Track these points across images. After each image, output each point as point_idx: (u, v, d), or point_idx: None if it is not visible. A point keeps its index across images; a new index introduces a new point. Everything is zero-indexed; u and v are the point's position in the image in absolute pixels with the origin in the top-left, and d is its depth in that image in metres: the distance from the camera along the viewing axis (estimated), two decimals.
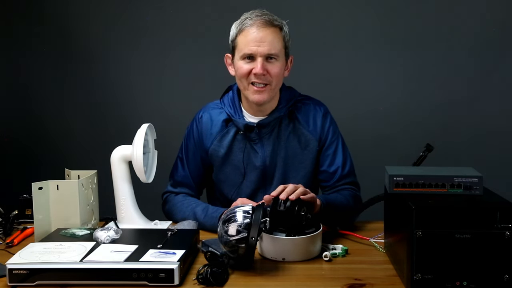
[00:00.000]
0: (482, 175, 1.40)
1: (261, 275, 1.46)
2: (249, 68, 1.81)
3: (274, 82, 1.83)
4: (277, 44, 1.81)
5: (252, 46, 1.79)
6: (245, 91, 1.85)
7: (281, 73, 1.84)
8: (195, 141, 1.97)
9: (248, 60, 1.81)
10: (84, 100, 3.07)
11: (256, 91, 1.82)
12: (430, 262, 1.29)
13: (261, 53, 1.79)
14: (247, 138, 1.90)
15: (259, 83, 1.81)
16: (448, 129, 2.97)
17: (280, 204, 1.57)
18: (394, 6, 2.94)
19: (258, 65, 1.78)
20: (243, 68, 1.82)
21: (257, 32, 1.79)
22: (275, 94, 1.87)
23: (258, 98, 1.83)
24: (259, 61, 1.79)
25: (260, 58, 1.79)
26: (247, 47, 1.79)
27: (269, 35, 1.79)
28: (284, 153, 1.91)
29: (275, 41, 1.80)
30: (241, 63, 1.82)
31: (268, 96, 1.84)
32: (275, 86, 1.84)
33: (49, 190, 1.72)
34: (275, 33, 1.81)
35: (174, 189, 1.99)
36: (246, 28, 1.80)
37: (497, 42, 2.93)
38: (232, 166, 1.93)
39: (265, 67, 1.79)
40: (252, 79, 1.81)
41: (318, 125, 1.93)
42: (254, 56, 1.80)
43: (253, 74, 1.80)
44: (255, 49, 1.78)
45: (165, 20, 3.00)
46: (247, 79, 1.83)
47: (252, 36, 1.79)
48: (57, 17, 3.01)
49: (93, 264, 1.38)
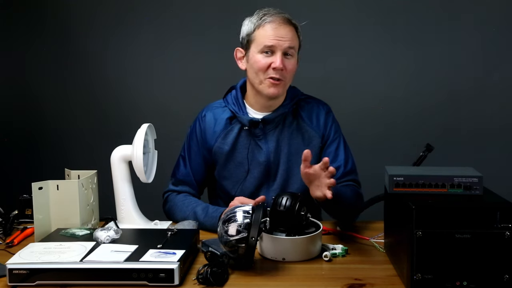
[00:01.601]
0: (482, 175, 1.40)
1: (261, 275, 1.46)
2: (268, 62, 1.82)
3: (288, 78, 1.86)
4: (295, 41, 1.85)
5: (273, 39, 1.81)
6: (260, 84, 1.86)
7: (294, 70, 1.88)
8: (198, 140, 1.98)
9: (267, 54, 1.83)
10: (84, 100, 3.07)
11: (272, 84, 1.84)
12: (430, 262, 1.29)
13: (282, 47, 1.81)
14: (251, 134, 1.91)
15: (277, 77, 1.83)
16: (448, 129, 2.97)
17: (280, 204, 1.57)
18: (394, 5, 2.94)
19: (278, 59, 1.81)
20: (261, 62, 1.83)
21: (278, 28, 1.82)
22: (286, 90, 1.91)
23: (273, 91, 1.84)
24: (279, 55, 1.81)
25: (279, 52, 1.81)
26: (268, 39, 1.81)
27: (289, 32, 1.83)
28: (287, 149, 1.92)
29: (294, 38, 1.84)
30: (260, 56, 1.84)
31: (282, 91, 1.87)
32: (288, 81, 1.88)
33: (49, 190, 1.72)
34: (293, 31, 1.85)
35: (175, 188, 1.99)
36: (267, 23, 1.83)
37: (497, 42, 2.93)
38: (236, 162, 1.93)
39: (283, 62, 1.82)
40: (270, 73, 1.83)
41: (321, 122, 1.95)
42: (274, 49, 1.82)
43: (271, 69, 1.82)
44: (276, 42, 1.81)
45: (165, 20, 3.00)
46: (264, 73, 1.84)
47: (273, 31, 1.82)
48: (57, 17, 3.00)
49: (93, 264, 1.38)
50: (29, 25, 3.00)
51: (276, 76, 1.82)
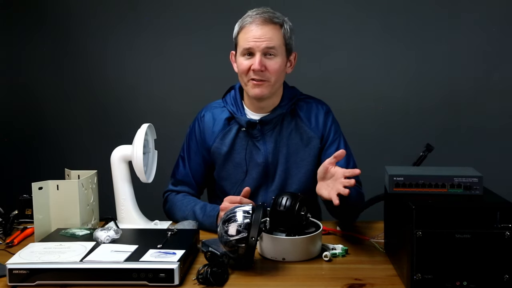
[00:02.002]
0: (482, 175, 1.40)
1: (261, 275, 1.46)
2: (249, 64, 1.82)
3: (273, 78, 1.84)
4: (276, 40, 1.82)
5: (250, 41, 1.81)
6: (245, 86, 1.87)
7: (280, 69, 1.85)
8: (197, 140, 1.98)
9: (248, 57, 1.83)
10: (84, 100, 3.07)
11: (254, 85, 1.83)
12: (430, 262, 1.29)
13: (259, 48, 1.80)
14: (249, 135, 1.91)
15: (258, 79, 1.82)
16: (448, 129, 2.96)
17: (280, 204, 1.57)
18: (394, 5, 2.94)
19: (256, 60, 1.80)
20: (243, 64, 1.84)
21: (256, 29, 1.81)
22: (275, 90, 1.88)
23: (257, 92, 1.84)
24: (257, 56, 1.81)
25: (258, 53, 1.81)
26: (246, 42, 1.82)
27: (268, 32, 1.81)
28: (286, 150, 1.91)
29: (274, 37, 1.82)
30: (241, 59, 1.85)
31: (267, 91, 1.85)
32: (274, 82, 1.85)
33: (49, 190, 1.72)
34: (274, 30, 1.83)
35: (175, 188, 1.99)
36: (246, 25, 1.83)
37: (497, 42, 2.93)
38: (234, 163, 1.93)
39: (263, 63, 1.81)
40: (251, 75, 1.83)
41: (320, 123, 1.94)
42: (253, 51, 1.82)
43: (252, 70, 1.82)
44: (253, 43, 1.81)
45: (165, 20, 3.00)
46: (246, 75, 1.84)
47: (251, 33, 1.81)
48: (57, 17, 3.00)
49: (93, 264, 1.38)
50: (29, 25, 3.00)
51: (257, 77, 1.82)
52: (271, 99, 1.89)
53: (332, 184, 1.58)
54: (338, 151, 1.60)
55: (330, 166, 1.60)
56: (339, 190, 1.51)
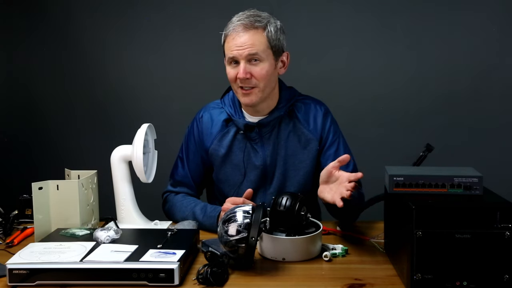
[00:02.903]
0: (482, 175, 1.40)
1: (261, 275, 1.46)
2: (235, 72, 1.81)
3: (261, 84, 1.81)
4: (259, 46, 1.78)
5: (233, 50, 1.79)
6: (236, 94, 1.87)
7: (268, 74, 1.81)
8: (196, 140, 1.97)
9: (234, 65, 1.81)
10: (84, 100, 3.07)
11: (244, 94, 1.82)
12: (430, 262, 1.29)
13: (242, 56, 1.78)
14: (247, 137, 1.90)
15: (245, 86, 1.81)
16: (448, 129, 2.97)
17: (280, 204, 1.57)
18: (394, 5, 2.94)
19: (241, 69, 1.78)
20: (230, 73, 1.83)
21: (237, 37, 1.78)
22: (266, 94, 1.85)
23: (247, 101, 1.83)
24: (242, 64, 1.79)
25: (242, 61, 1.79)
26: (230, 51, 1.80)
27: (250, 38, 1.78)
28: (284, 153, 1.90)
29: (256, 43, 1.78)
30: (228, 68, 1.83)
31: (256, 98, 1.82)
32: (264, 87, 1.82)
33: (49, 190, 1.72)
34: (256, 34, 1.79)
35: (174, 189, 1.99)
36: (229, 34, 1.81)
37: (497, 42, 2.93)
38: (232, 165, 1.93)
39: (247, 70, 1.78)
40: (238, 83, 1.81)
41: (319, 125, 1.92)
42: (237, 59, 1.80)
43: (238, 79, 1.80)
44: (236, 53, 1.78)
45: (165, 20, 3.00)
46: (235, 83, 1.83)
47: (233, 41, 1.79)
48: (57, 17, 3.00)
49: (93, 264, 1.38)
50: (29, 25, 3.00)
51: (243, 85, 1.81)
52: (265, 103, 1.87)
53: (335, 188, 1.58)
54: (343, 156, 1.60)
55: (334, 170, 1.60)
56: (343, 193, 1.51)
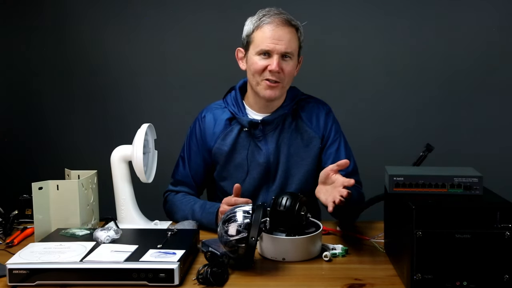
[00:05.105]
0: (482, 175, 1.40)
1: (261, 275, 1.46)
2: (265, 64, 1.82)
3: (286, 80, 1.85)
4: (293, 44, 1.83)
5: (269, 43, 1.80)
6: (257, 86, 1.86)
7: (293, 72, 1.86)
8: (198, 140, 1.98)
9: (264, 56, 1.82)
10: (84, 100, 3.07)
11: (268, 86, 1.83)
12: (430, 262, 1.29)
13: (278, 51, 1.80)
14: (251, 135, 1.91)
15: (273, 80, 1.82)
16: (448, 129, 2.97)
17: (280, 204, 1.57)
18: (395, 4, 2.94)
19: (274, 62, 1.80)
20: (258, 64, 1.83)
21: (275, 30, 1.80)
22: (284, 92, 1.90)
23: (270, 94, 1.84)
24: (275, 58, 1.80)
25: (276, 55, 1.80)
26: (265, 43, 1.81)
27: (287, 34, 1.81)
28: (287, 150, 1.91)
29: (292, 40, 1.82)
30: (257, 58, 1.83)
31: (279, 93, 1.86)
32: (286, 84, 1.87)
33: (49, 190, 1.72)
34: (292, 33, 1.83)
35: (174, 188, 2.00)
36: (265, 25, 1.82)
37: (497, 42, 2.93)
38: (236, 163, 1.93)
39: (280, 65, 1.81)
40: (266, 75, 1.82)
41: (321, 123, 1.94)
42: (271, 53, 1.81)
43: (268, 71, 1.81)
44: (273, 46, 1.80)
45: (166, 20, 3.00)
46: (260, 75, 1.84)
47: (271, 33, 1.80)
48: (57, 17, 3.00)
49: (93, 264, 1.38)
50: (29, 25, 3.00)
51: (273, 78, 1.82)
52: (277, 100, 1.90)
53: (330, 190, 1.58)
54: (342, 161, 1.60)
55: (331, 173, 1.60)
56: (335, 198, 1.52)
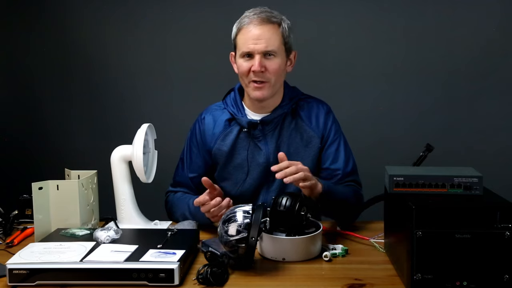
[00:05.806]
0: (482, 175, 1.40)
1: (261, 275, 1.46)
2: (248, 66, 1.82)
3: (273, 79, 1.84)
4: (274, 41, 1.82)
5: (249, 44, 1.81)
6: (246, 88, 1.88)
7: (280, 69, 1.85)
8: (198, 141, 1.98)
9: (247, 58, 1.83)
10: (84, 100, 3.07)
11: (256, 88, 1.84)
12: (430, 262, 1.29)
13: (258, 50, 1.80)
14: (250, 135, 1.91)
15: (258, 80, 1.82)
16: (448, 129, 2.96)
17: (280, 204, 1.57)
18: (395, 5, 2.94)
19: (256, 62, 1.80)
20: (242, 66, 1.84)
21: (254, 30, 1.81)
22: (276, 90, 1.88)
23: (258, 95, 1.84)
24: (257, 58, 1.80)
25: (258, 55, 1.80)
26: (245, 45, 1.82)
27: (266, 32, 1.81)
28: (287, 150, 1.91)
29: (272, 38, 1.82)
30: (241, 61, 1.85)
31: (268, 93, 1.85)
32: (274, 82, 1.85)
33: (49, 190, 1.72)
34: (272, 30, 1.82)
35: (174, 189, 2.00)
36: (244, 26, 1.83)
37: (497, 42, 2.93)
38: (236, 164, 1.93)
39: (263, 64, 1.81)
40: (252, 77, 1.83)
41: (321, 123, 1.94)
42: (252, 53, 1.81)
43: (252, 72, 1.82)
44: (252, 47, 1.80)
45: (166, 20, 3.00)
46: (247, 77, 1.85)
47: (249, 34, 1.81)
48: (57, 17, 3.00)
49: (93, 264, 1.38)
50: (29, 25, 3.00)
51: (257, 79, 1.82)
52: (272, 99, 1.90)
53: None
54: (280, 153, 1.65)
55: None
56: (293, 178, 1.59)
